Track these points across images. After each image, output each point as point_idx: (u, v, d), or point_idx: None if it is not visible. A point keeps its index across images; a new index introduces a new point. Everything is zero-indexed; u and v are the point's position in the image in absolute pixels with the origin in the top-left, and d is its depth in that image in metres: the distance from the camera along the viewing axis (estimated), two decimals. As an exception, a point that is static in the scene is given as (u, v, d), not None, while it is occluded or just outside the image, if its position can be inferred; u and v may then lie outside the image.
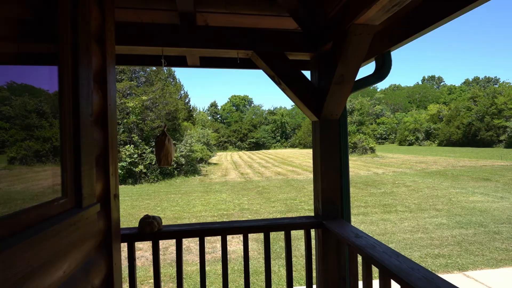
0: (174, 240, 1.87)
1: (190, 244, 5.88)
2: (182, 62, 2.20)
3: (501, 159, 21.86)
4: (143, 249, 5.72)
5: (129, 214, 8.92)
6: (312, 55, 1.97)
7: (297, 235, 5.89)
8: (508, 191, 10.66)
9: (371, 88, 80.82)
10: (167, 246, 5.77)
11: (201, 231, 1.81)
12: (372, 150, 28.66)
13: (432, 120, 49.71)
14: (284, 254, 3.66)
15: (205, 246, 5.92)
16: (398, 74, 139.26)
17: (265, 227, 1.88)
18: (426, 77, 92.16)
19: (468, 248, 5.62)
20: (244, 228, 1.85)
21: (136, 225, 8.01)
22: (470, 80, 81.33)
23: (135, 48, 1.74)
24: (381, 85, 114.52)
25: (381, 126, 60.44)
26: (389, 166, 19.38)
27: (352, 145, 29.04)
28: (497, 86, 53.38)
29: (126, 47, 1.71)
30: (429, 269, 5.02)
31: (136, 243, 1.80)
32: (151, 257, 5.28)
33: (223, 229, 1.83)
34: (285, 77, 1.82)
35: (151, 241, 1.80)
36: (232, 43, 1.82)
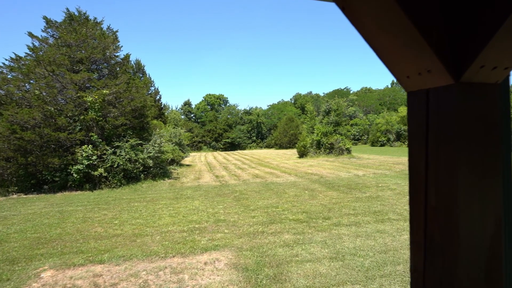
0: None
1: (148, 277, 4.47)
2: None
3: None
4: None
5: (76, 230, 7.24)
6: None
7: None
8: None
9: (344, 90, 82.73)
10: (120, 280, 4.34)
11: None
12: (349, 151, 28.49)
13: (403, 122, 51.35)
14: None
15: (166, 277, 4.55)
16: (370, 78, 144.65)
17: None
18: (395, 81, 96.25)
19: (484, 268, 4.80)
20: None
21: (84, 247, 5.52)
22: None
23: None
24: (354, 88, 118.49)
25: (354, 127, 61.69)
26: (367, 167, 19.00)
27: (329, 145, 28.68)
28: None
29: None
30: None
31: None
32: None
33: None
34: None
35: None
36: None
